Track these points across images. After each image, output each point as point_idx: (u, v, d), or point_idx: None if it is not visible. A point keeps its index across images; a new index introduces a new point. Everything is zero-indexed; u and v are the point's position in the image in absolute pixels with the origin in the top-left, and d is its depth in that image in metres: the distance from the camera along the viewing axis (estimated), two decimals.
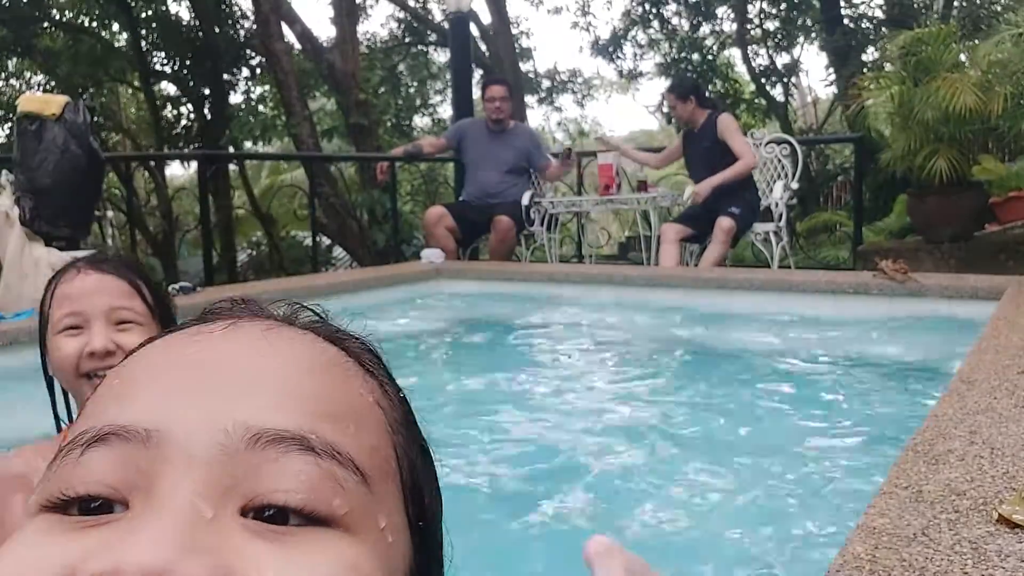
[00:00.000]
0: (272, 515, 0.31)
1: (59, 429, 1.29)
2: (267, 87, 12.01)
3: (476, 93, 7.56)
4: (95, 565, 0.28)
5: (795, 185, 5.22)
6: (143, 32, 11.86)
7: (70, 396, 1.26)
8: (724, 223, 4.74)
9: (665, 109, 14.49)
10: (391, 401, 0.40)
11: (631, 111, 63.08)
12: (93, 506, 0.32)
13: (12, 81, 13.37)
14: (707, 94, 5.60)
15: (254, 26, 10.55)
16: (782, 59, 14.19)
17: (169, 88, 13.03)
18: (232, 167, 11.09)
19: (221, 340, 0.37)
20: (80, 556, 0.29)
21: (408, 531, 0.37)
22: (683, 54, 14.30)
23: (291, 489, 0.31)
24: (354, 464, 0.33)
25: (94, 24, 12.69)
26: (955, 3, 11.45)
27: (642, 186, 5.50)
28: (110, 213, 4.73)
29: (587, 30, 15.68)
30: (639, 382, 2.78)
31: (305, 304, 0.43)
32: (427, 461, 0.41)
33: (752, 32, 14.15)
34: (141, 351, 0.38)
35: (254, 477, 0.31)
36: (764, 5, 13.92)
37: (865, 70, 10.38)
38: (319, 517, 0.32)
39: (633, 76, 15.58)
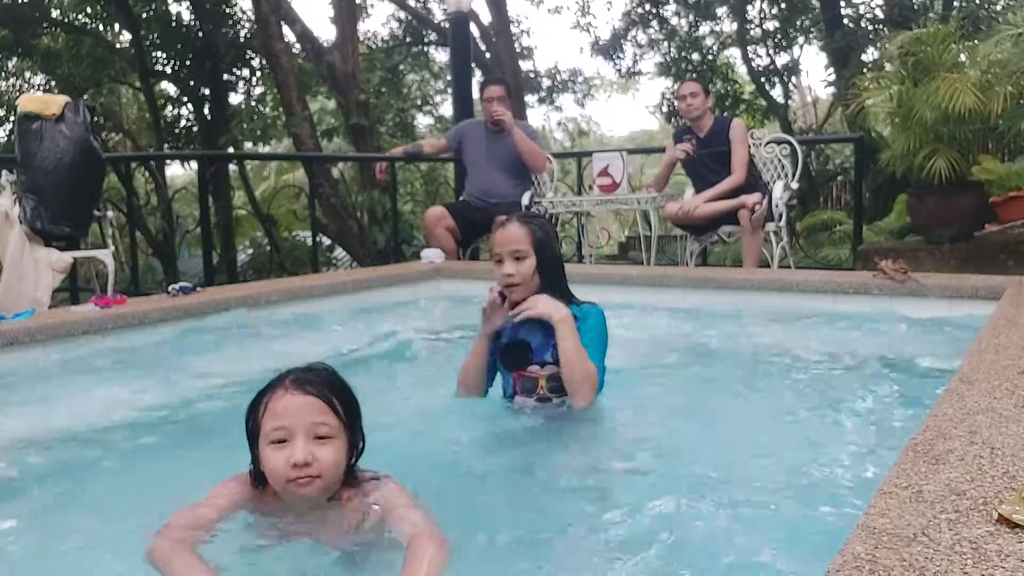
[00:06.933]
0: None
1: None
2: (267, 87, 12.01)
3: (477, 93, 7.57)
4: None
5: (795, 185, 5.21)
6: (143, 32, 11.86)
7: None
8: (750, 199, 4.68)
9: (665, 108, 14.51)
10: (543, 232, 2.27)
11: (631, 111, 63.07)
12: None
13: (12, 81, 13.38)
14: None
15: (254, 26, 10.55)
16: (782, 59, 14.20)
17: (169, 88, 13.03)
18: (232, 167, 11.10)
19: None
20: None
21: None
22: (683, 54, 14.30)
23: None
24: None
25: (95, 24, 12.69)
26: (955, 3, 11.45)
27: None
28: (110, 213, 4.73)
29: (587, 31, 15.70)
30: (636, 381, 2.77)
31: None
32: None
33: (752, 32, 14.15)
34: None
35: None
36: (764, 5, 13.92)
37: (865, 70, 10.39)
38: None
39: (632, 74, 15.60)
